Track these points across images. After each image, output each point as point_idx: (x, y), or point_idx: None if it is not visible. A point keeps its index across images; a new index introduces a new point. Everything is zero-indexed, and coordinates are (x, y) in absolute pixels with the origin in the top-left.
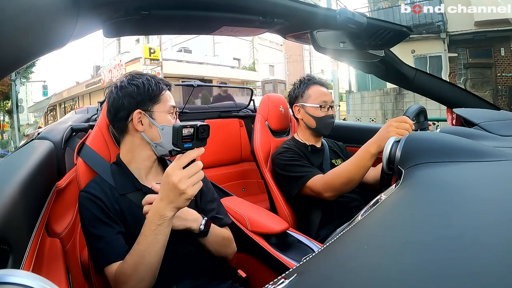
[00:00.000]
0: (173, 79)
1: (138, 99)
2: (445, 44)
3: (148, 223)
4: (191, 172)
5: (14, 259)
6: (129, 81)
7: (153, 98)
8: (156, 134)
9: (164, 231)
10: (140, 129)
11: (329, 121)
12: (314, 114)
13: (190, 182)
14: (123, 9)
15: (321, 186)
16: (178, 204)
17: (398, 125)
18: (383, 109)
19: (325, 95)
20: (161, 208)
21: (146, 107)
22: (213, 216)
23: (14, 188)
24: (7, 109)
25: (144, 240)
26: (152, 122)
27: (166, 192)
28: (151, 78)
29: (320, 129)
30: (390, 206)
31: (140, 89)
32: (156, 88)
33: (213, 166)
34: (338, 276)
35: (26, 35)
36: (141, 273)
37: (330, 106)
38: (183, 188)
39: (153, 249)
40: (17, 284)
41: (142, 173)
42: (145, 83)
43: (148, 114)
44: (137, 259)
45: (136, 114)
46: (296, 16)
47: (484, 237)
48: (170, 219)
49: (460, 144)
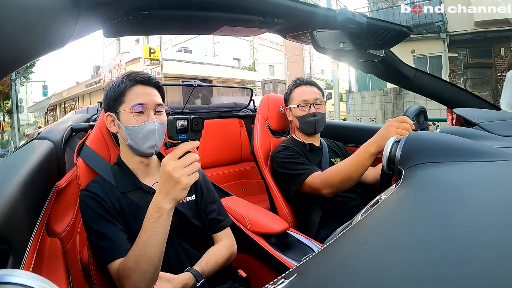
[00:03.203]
0: (173, 79)
1: (106, 102)
2: (445, 44)
3: (147, 217)
4: (186, 162)
5: (14, 259)
6: (107, 85)
7: (118, 98)
8: (124, 134)
9: (163, 224)
10: (114, 131)
11: (310, 119)
12: (296, 114)
13: (185, 172)
14: (123, 9)
15: (319, 183)
16: (174, 195)
17: (398, 125)
18: (383, 109)
19: (306, 94)
20: (159, 201)
21: (114, 109)
22: (213, 217)
23: (14, 188)
24: (7, 109)
25: (144, 234)
26: (118, 124)
27: (162, 182)
28: (123, 77)
29: (303, 128)
30: (390, 206)
31: (108, 91)
32: (118, 88)
33: (213, 166)
34: (338, 276)
35: (26, 35)
36: (143, 267)
37: (312, 104)
38: (178, 177)
39: (153, 242)
40: (17, 284)
41: (140, 172)
42: (113, 84)
43: (116, 115)
44: (139, 252)
45: (106, 117)
46: (296, 16)
47: (484, 237)
48: (168, 211)
49: (460, 144)
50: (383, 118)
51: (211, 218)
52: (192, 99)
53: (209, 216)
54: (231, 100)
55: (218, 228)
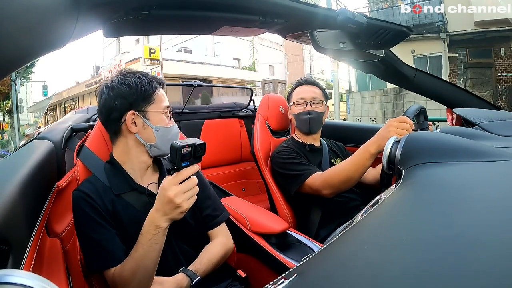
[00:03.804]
0: (173, 79)
1: (131, 100)
2: (445, 44)
3: (144, 233)
4: (187, 187)
5: (14, 259)
6: (120, 81)
7: (146, 98)
8: (151, 135)
9: (159, 240)
10: (134, 131)
11: (304, 117)
12: (293, 112)
13: (186, 197)
14: (123, 9)
15: (319, 183)
16: (173, 216)
17: (398, 125)
18: (383, 109)
19: (303, 93)
20: (156, 219)
21: (140, 108)
22: (207, 214)
23: (14, 188)
24: (7, 109)
25: (141, 248)
26: (146, 123)
27: (162, 204)
28: (144, 76)
29: (299, 126)
30: (390, 206)
31: (132, 89)
32: (149, 87)
33: (213, 166)
34: (338, 276)
35: (26, 35)
36: (140, 277)
37: (309, 102)
38: (179, 202)
39: (150, 256)
40: (17, 284)
41: (137, 174)
42: (138, 82)
43: (142, 115)
44: (135, 265)
45: (129, 116)
46: (296, 16)
47: (484, 237)
48: (165, 229)
49: (460, 144)
50: (383, 118)
51: (205, 214)
52: (192, 99)
53: (203, 213)
54: (231, 100)
55: (212, 225)
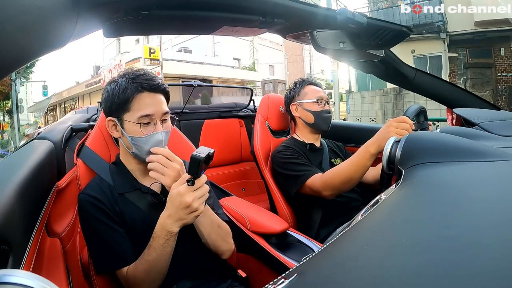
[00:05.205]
0: (173, 79)
1: (108, 106)
2: (445, 44)
3: (156, 238)
4: (202, 193)
5: (14, 259)
6: (107, 85)
7: (121, 105)
8: (128, 144)
9: (171, 244)
10: (116, 136)
11: (326, 115)
12: (312, 109)
13: (202, 201)
14: (123, 9)
15: (320, 185)
16: (187, 220)
17: (398, 125)
18: (383, 109)
19: (320, 92)
20: (168, 225)
21: (117, 115)
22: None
23: (14, 188)
24: (7, 109)
25: (154, 252)
26: (122, 131)
27: (176, 210)
28: (126, 81)
29: (318, 123)
30: (390, 206)
31: (109, 96)
32: (122, 94)
33: (213, 166)
34: (338, 276)
35: (26, 35)
36: (153, 276)
37: (326, 102)
38: (196, 206)
39: (162, 259)
40: (17, 284)
41: (139, 173)
42: (115, 88)
43: (119, 122)
44: (148, 267)
45: (108, 121)
46: (296, 16)
47: (484, 237)
48: (176, 233)
49: (460, 144)
50: (383, 118)
51: None
52: (192, 99)
53: None
54: (231, 100)
55: None
